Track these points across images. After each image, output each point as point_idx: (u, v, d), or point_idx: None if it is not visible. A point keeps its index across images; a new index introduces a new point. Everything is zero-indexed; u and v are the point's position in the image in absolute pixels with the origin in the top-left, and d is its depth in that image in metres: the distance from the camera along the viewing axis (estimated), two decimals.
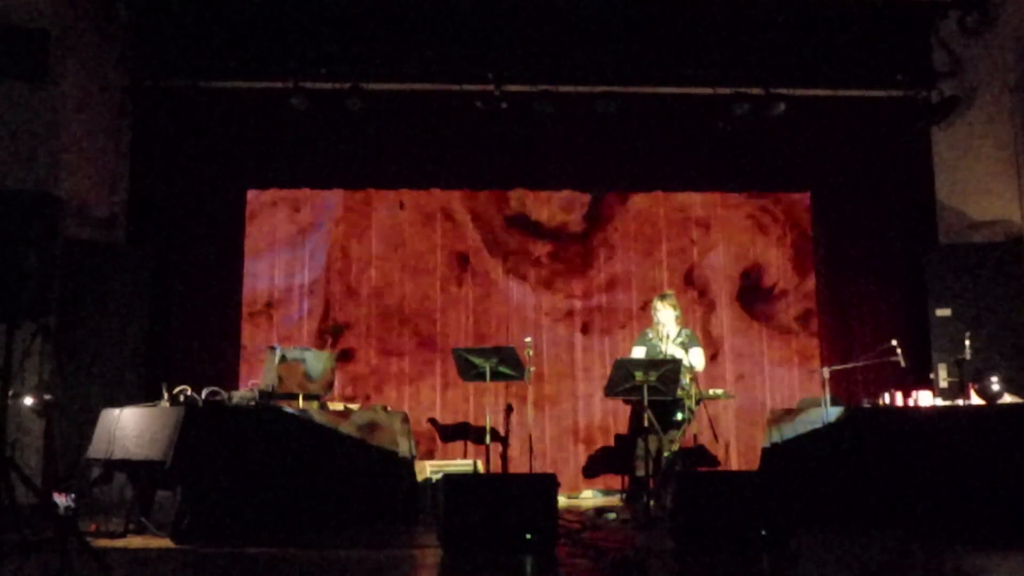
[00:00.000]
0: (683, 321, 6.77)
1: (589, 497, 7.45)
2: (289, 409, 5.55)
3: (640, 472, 6.48)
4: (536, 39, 7.65)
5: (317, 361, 5.88)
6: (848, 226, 7.90)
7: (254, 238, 7.81)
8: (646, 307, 7.27)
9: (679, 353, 6.42)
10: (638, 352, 6.55)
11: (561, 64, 7.62)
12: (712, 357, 7.67)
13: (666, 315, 6.64)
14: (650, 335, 6.68)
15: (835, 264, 7.91)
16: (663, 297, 6.80)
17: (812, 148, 7.93)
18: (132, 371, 6.81)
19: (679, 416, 6.37)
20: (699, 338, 6.89)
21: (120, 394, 6.37)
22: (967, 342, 6.14)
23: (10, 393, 4.16)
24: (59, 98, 6.67)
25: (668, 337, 6.59)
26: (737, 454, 7.65)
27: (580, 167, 7.92)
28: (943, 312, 7.12)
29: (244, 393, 5.68)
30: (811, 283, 7.95)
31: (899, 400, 5.97)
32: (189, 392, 5.46)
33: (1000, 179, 7.43)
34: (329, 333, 7.72)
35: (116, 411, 5.47)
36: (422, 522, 5.70)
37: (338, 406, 5.98)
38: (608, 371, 6.37)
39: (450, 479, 4.92)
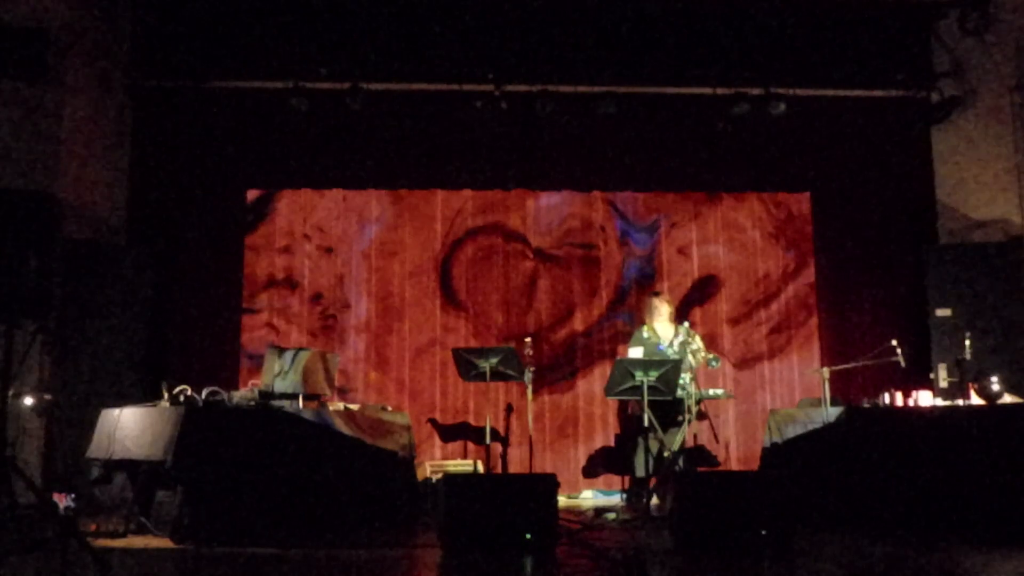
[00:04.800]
0: (676, 317, 6.77)
1: (589, 497, 7.45)
2: (289, 409, 5.54)
3: (640, 472, 6.48)
4: (536, 39, 7.65)
5: (315, 362, 5.87)
6: (848, 226, 7.90)
7: (254, 238, 7.82)
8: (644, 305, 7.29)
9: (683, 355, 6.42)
10: (635, 352, 6.52)
11: (561, 64, 7.62)
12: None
13: (662, 312, 6.65)
14: (646, 334, 6.68)
15: (835, 264, 7.91)
16: (657, 295, 6.82)
17: (812, 148, 7.94)
18: (132, 371, 6.81)
19: (679, 416, 6.37)
20: (695, 332, 6.82)
21: (120, 394, 6.36)
22: (967, 342, 6.14)
23: (10, 393, 4.15)
24: (59, 98, 6.67)
25: (665, 337, 6.60)
26: (737, 454, 7.65)
27: (580, 167, 7.92)
28: (943, 312, 7.12)
29: (244, 393, 5.68)
30: (811, 283, 7.95)
31: (899, 400, 5.96)
32: (189, 392, 5.45)
33: (1000, 179, 7.43)
34: (329, 333, 7.72)
35: (116, 411, 5.47)
36: (422, 522, 5.70)
37: (338, 406, 5.98)
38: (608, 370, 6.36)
39: (450, 479, 4.93)
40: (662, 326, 6.68)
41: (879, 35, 7.73)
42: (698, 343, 6.55)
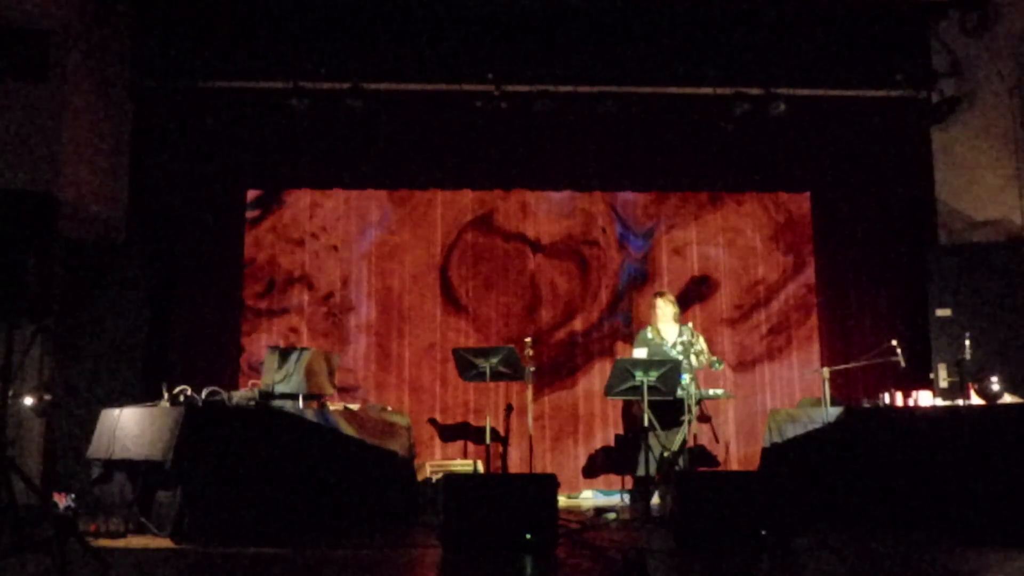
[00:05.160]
0: (680, 318, 6.78)
1: (589, 497, 7.45)
2: (290, 409, 5.55)
3: (641, 472, 6.48)
4: (536, 39, 7.65)
5: (319, 361, 5.88)
6: (848, 226, 7.90)
7: (254, 238, 7.81)
8: (645, 306, 7.30)
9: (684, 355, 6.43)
10: (639, 353, 6.52)
11: (561, 64, 7.62)
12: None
13: (666, 313, 6.65)
14: (650, 335, 6.67)
15: (835, 264, 7.91)
16: (661, 295, 6.82)
17: (812, 148, 7.94)
18: (132, 371, 6.80)
19: (680, 416, 6.37)
20: (698, 333, 6.87)
21: (120, 394, 6.36)
22: (967, 342, 6.14)
23: (10, 393, 4.15)
24: (59, 98, 6.67)
25: (669, 337, 6.60)
26: (737, 454, 7.65)
27: (580, 167, 7.92)
28: (943, 312, 7.11)
29: (244, 393, 5.68)
30: (811, 283, 7.95)
31: (899, 400, 5.97)
32: (189, 392, 5.46)
33: (1000, 179, 7.43)
34: (332, 333, 7.72)
35: (116, 411, 5.47)
36: (422, 522, 5.70)
37: (338, 406, 5.98)
38: (608, 370, 6.36)
39: (450, 479, 4.93)
40: (666, 326, 6.67)
41: (879, 35, 7.73)
42: (702, 344, 6.56)
